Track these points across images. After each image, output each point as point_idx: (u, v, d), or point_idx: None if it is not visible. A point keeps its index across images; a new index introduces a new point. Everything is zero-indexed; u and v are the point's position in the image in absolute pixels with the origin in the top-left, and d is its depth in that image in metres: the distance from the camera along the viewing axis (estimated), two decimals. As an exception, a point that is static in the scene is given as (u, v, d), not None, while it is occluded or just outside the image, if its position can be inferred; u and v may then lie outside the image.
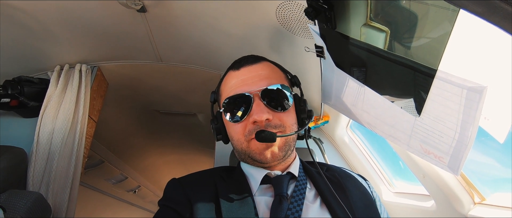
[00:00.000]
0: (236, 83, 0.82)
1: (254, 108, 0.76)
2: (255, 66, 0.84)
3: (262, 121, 0.75)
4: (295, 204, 0.72)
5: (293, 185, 0.79)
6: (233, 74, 0.85)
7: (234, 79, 0.83)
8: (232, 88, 0.82)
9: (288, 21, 1.11)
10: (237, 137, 0.81)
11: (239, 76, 0.83)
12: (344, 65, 0.95)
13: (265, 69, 0.83)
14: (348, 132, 1.61)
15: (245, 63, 0.85)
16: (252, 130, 0.76)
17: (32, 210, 1.14)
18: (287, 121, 0.79)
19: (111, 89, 2.00)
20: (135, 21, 1.38)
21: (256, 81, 0.80)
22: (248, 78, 0.81)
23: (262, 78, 0.80)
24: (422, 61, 0.67)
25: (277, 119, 0.78)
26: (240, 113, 0.78)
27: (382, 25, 0.79)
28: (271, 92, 0.78)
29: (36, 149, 1.37)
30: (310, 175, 0.84)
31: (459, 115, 0.66)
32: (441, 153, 0.76)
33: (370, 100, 0.91)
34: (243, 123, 0.78)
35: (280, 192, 0.74)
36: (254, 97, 0.77)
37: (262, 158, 0.77)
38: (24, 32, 1.38)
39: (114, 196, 4.15)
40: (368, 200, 0.82)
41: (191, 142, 3.47)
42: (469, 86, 0.60)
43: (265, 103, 0.77)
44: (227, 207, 0.72)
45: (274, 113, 0.78)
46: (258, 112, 0.75)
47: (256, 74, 0.82)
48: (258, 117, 0.74)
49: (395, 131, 0.88)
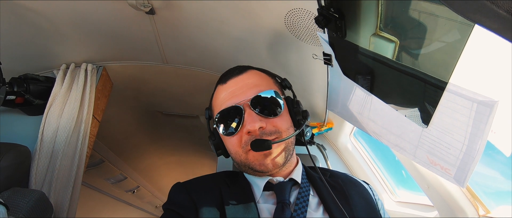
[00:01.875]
0: (225, 96, 0.82)
1: (246, 118, 0.76)
2: (241, 76, 0.84)
3: (256, 130, 0.74)
4: (299, 211, 0.72)
5: (296, 192, 0.78)
6: (221, 88, 0.85)
7: (223, 93, 0.83)
8: (222, 101, 0.82)
9: (297, 28, 1.12)
10: (235, 149, 0.80)
11: (227, 89, 0.83)
12: (352, 73, 0.96)
13: (252, 78, 0.84)
14: (351, 139, 1.61)
15: (231, 75, 0.85)
16: (247, 140, 0.76)
17: (35, 209, 1.13)
18: (282, 125, 0.79)
19: (115, 89, 2.00)
20: (143, 22, 1.38)
21: (245, 91, 0.79)
22: (236, 89, 0.81)
23: (250, 87, 0.80)
24: (432, 73, 0.67)
25: (271, 126, 0.77)
26: (234, 124, 0.78)
27: (391, 35, 0.79)
28: (261, 99, 0.78)
29: (40, 147, 1.37)
30: (313, 181, 0.83)
31: (468, 128, 0.66)
32: (448, 165, 0.76)
33: (377, 109, 0.92)
34: (238, 135, 0.78)
35: (282, 199, 0.74)
36: (245, 107, 0.77)
37: (263, 169, 0.77)
38: (32, 31, 1.38)
39: (112, 196, 4.14)
40: (371, 208, 0.81)
41: (192, 144, 3.46)
42: (480, 100, 0.60)
43: (256, 111, 0.76)
44: (232, 211, 0.72)
45: (267, 120, 0.77)
46: (250, 121, 0.75)
47: (243, 84, 0.82)
48: (251, 127, 0.74)
49: (402, 141, 0.88)
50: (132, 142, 3.29)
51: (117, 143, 3.08)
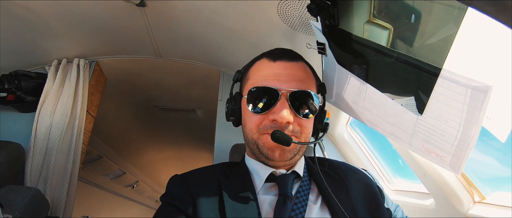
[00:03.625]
0: (268, 74, 0.78)
1: (278, 107, 0.73)
2: (292, 64, 0.80)
3: (283, 122, 0.72)
4: (299, 205, 0.71)
5: (297, 185, 0.78)
6: (267, 64, 0.80)
7: (267, 69, 0.79)
8: (263, 78, 0.78)
9: (290, 17, 1.10)
10: (251, 126, 0.78)
11: (273, 69, 0.78)
12: (346, 62, 0.94)
13: (301, 71, 0.80)
14: (347, 129, 1.61)
15: (282, 57, 0.80)
16: (268, 126, 0.74)
17: (30, 206, 1.13)
18: (306, 128, 0.77)
19: (109, 84, 1.98)
20: (134, 15, 1.36)
21: (289, 80, 0.76)
22: (282, 74, 0.77)
23: (296, 79, 0.77)
24: (426, 59, 0.66)
25: (297, 125, 0.75)
26: (261, 104, 0.75)
27: (385, 22, 0.78)
28: (301, 95, 0.76)
29: (34, 144, 1.36)
30: (312, 173, 0.83)
31: (463, 115, 0.65)
32: (443, 152, 0.76)
33: (372, 98, 0.91)
34: (262, 116, 0.76)
35: (284, 192, 0.73)
36: (282, 95, 0.74)
37: (270, 154, 0.75)
38: (21, 26, 1.35)
39: (112, 191, 4.15)
40: (372, 192, 0.81)
41: (189, 138, 3.46)
42: (474, 85, 0.59)
43: (290, 105, 0.74)
44: (231, 206, 0.71)
45: (295, 117, 0.75)
46: (280, 112, 0.72)
47: (291, 72, 0.78)
48: (280, 118, 0.72)
49: (397, 130, 0.87)
50: (130, 137, 3.28)
51: (114, 139, 3.07)
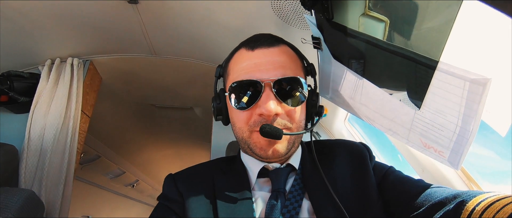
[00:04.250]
0: (247, 66, 0.72)
1: (263, 99, 0.68)
2: (272, 49, 0.74)
3: (270, 115, 0.67)
4: (293, 200, 0.68)
5: (292, 178, 0.74)
6: (245, 54, 0.75)
7: (246, 61, 0.73)
8: (242, 70, 0.72)
9: (284, 11, 1.07)
10: (240, 125, 0.73)
11: (252, 58, 0.73)
12: (342, 57, 0.92)
13: (282, 55, 0.74)
14: (346, 125, 1.59)
15: (261, 44, 0.74)
16: (257, 122, 0.69)
17: (25, 208, 1.11)
18: (296, 117, 0.72)
19: (105, 84, 1.96)
20: (126, 13, 1.33)
21: (270, 69, 0.70)
22: (262, 63, 0.71)
23: (277, 66, 0.71)
24: (422, 52, 0.64)
25: (286, 115, 0.71)
26: (245, 99, 0.70)
27: (381, 14, 0.76)
28: (286, 82, 0.70)
29: (28, 145, 1.34)
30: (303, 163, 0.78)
31: (461, 109, 0.63)
32: (441, 148, 0.74)
33: (368, 93, 0.89)
34: (249, 112, 0.71)
35: (277, 187, 0.70)
36: (265, 86, 0.68)
37: (262, 154, 0.71)
38: (13, 26, 1.33)
39: (112, 191, 4.15)
40: (358, 163, 0.77)
41: (188, 136, 3.44)
42: (472, 78, 0.57)
43: (275, 95, 0.69)
44: (224, 204, 0.68)
45: (284, 107, 0.70)
46: (266, 104, 0.67)
47: (272, 59, 0.72)
48: (266, 111, 0.67)
49: (394, 125, 0.85)
50: (128, 137, 3.27)
51: (112, 138, 3.06)
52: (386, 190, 0.71)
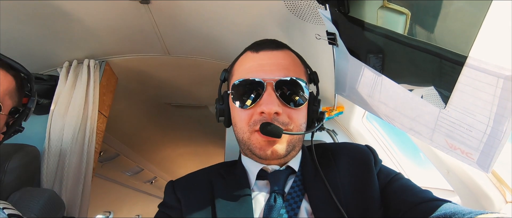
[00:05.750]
0: (252, 66, 0.74)
1: (265, 98, 0.69)
2: (276, 52, 0.76)
3: (271, 113, 0.68)
4: (291, 201, 0.67)
5: (291, 180, 0.73)
6: (250, 56, 0.77)
7: (250, 62, 0.75)
8: (246, 71, 0.74)
9: (298, 7, 1.03)
10: (241, 125, 0.74)
11: (257, 60, 0.74)
12: (359, 52, 0.87)
13: (286, 59, 0.76)
14: (364, 123, 1.53)
15: (266, 47, 0.76)
16: (257, 121, 0.69)
17: (46, 208, 1.15)
18: (297, 119, 0.72)
19: (121, 84, 2.00)
20: (139, 13, 1.34)
21: (274, 70, 0.72)
22: (266, 64, 0.73)
23: (280, 67, 0.72)
24: (449, 46, 0.59)
25: (286, 115, 0.70)
26: (247, 98, 0.71)
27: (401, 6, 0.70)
28: (287, 84, 0.71)
29: (48, 146, 1.38)
30: (304, 166, 0.77)
31: (493, 108, 0.58)
32: (470, 149, 0.68)
33: (388, 91, 0.84)
34: (250, 111, 0.71)
35: (275, 189, 0.70)
36: (267, 86, 0.70)
37: (262, 154, 0.70)
38: (32, 30, 1.37)
39: (132, 187, 4.27)
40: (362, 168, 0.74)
41: (203, 134, 3.47)
42: (506, 74, 0.51)
43: (277, 95, 0.69)
44: (222, 205, 0.69)
45: (284, 107, 0.70)
46: (268, 103, 0.67)
47: (276, 62, 0.74)
48: (267, 109, 0.67)
49: (417, 124, 0.80)
50: (145, 135, 3.33)
51: (130, 137, 3.13)
52: (388, 197, 0.69)
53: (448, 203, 0.61)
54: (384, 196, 0.69)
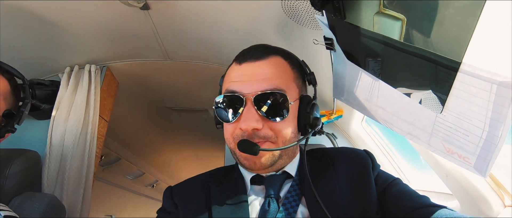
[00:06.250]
0: (234, 77, 0.73)
1: (244, 114, 0.67)
2: (259, 63, 0.72)
3: (248, 130, 0.66)
4: (288, 205, 0.67)
5: (288, 185, 0.73)
6: (234, 68, 0.75)
7: (233, 73, 0.74)
8: (230, 83, 0.73)
9: (295, 12, 1.04)
10: (227, 136, 0.74)
11: (239, 71, 0.73)
12: (356, 57, 0.88)
13: (269, 67, 0.72)
14: (363, 126, 1.53)
15: (249, 58, 0.73)
16: (239, 135, 0.69)
17: (47, 212, 1.16)
18: (281, 130, 0.69)
19: (122, 88, 2.01)
20: (139, 19, 1.35)
21: (254, 82, 0.69)
22: (247, 75, 0.71)
23: (262, 78, 0.70)
24: (444, 52, 0.59)
25: (268, 129, 0.68)
26: (229, 113, 0.70)
27: (397, 12, 0.71)
28: (266, 97, 0.67)
29: (49, 151, 1.39)
30: (301, 170, 0.76)
31: (488, 113, 0.58)
32: (467, 154, 0.68)
33: (385, 96, 0.84)
34: (233, 124, 0.71)
35: (270, 194, 0.70)
36: (247, 100, 0.68)
37: (247, 165, 0.71)
38: (34, 36, 1.39)
39: (133, 191, 4.28)
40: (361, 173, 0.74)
41: (204, 137, 3.48)
42: (500, 81, 0.52)
43: (256, 109, 0.67)
44: (218, 210, 0.70)
45: (265, 121, 0.68)
46: (246, 119, 0.66)
47: (257, 72, 0.71)
48: (245, 126, 0.66)
49: (414, 129, 0.80)
50: (146, 139, 3.34)
51: (131, 141, 3.14)
52: (386, 202, 0.69)
53: (445, 209, 0.60)
54: (381, 201, 0.69)
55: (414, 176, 1.39)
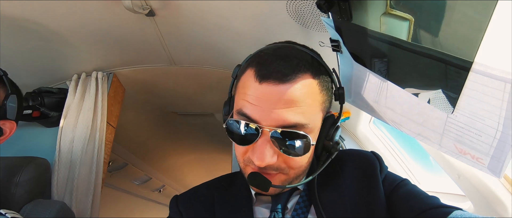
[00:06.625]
0: (250, 98, 0.61)
1: (258, 146, 0.60)
2: (283, 86, 0.59)
3: (261, 165, 0.60)
4: (294, 214, 0.67)
5: (297, 197, 0.70)
6: (252, 82, 0.61)
7: (250, 91, 0.61)
8: (244, 103, 0.62)
9: (301, 14, 1.04)
10: (237, 154, 0.69)
11: (257, 92, 0.60)
12: (363, 59, 0.87)
13: (294, 93, 0.59)
14: (371, 127, 1.52)
15: (270, 77, 0.59)
16: (250, 161, 0.63)
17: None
18: (296, 163, 0.63)
19: (128, 94, 2.02)
20: (145, 25, 1.36)
21: (274, 112, 0.59)
22: (266, 101, 0.59)
23: (284, 108, 0.59)
24: (454, 52, 0.58)
25: (282, 162, 0.63)
26: (241, 139, 0.63)
27: (404, 12, 0.70)
28: (286, 134, 0.59)
29: (59, 158, 1.40)
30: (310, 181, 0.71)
31: (501, 112, 0.57)
32: (480, 154, 0.67)
33: (394, 96, 0.83)
34: (245, 148, 0.64)
35: (275, 207, 0.68)
36: (263, 132, 0.59)
37: (254, 190, 0.71)
38: (42, 45, 1.41)
39: (140, 196, 4.29)
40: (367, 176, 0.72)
41: (210, 142, 3.49)
42: (514, 79, 0.51)
43: (273, 142, 0.60)
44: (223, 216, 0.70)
45: (281, 154, 0.61)
46: (260, 155, 0.59)
47: (279, 99, 0.58)
48: (257, 161, 0.60)
49: (424, 130, 0.79)
50: (152, 144, 3.36)
51: (137, 146, 3.16)
52: (394, 203, 0.67)
53: (457, 210, 0.58)
54: (390, 203, 0.68)
55: (424, 177, 1.37)
